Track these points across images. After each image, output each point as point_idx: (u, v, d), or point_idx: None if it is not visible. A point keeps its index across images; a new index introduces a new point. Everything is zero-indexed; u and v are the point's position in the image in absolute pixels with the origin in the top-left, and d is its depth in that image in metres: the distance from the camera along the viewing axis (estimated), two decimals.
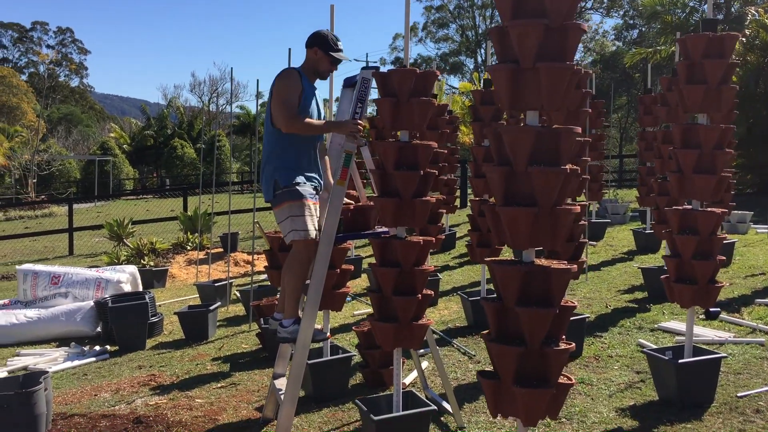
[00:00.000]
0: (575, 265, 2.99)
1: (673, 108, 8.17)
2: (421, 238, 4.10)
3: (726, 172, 8.83)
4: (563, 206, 2.87)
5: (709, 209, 4.54)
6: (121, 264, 10.89)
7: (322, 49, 4.42)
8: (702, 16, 18.89)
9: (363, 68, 4.48)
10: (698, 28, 4.53)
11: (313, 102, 4.48)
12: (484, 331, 3.10)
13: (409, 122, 3.99)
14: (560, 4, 2.75)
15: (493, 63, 3.13)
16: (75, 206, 21.67)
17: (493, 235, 3.02)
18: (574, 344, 2.94)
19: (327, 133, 4.58)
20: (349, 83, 4.49)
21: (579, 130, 2.88)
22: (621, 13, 41.35)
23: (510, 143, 2.83)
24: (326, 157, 4.78)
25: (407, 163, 3.97)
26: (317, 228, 4.35)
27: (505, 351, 2.88)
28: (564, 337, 2.98)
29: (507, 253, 8.77)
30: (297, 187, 4.29)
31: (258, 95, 17.65)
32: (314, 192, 4.41)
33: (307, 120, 4.29)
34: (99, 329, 7.53)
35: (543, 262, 2.96)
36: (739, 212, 11.48)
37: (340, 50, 4.48)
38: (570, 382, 2.95)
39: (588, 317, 6.21)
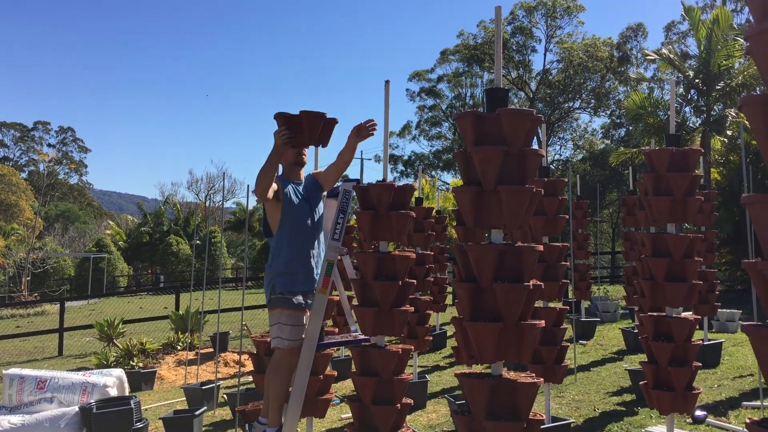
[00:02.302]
0: (541, 380, 3.07)
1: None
2: (400, 347, 4.18)
3: (710, 271, 9.02)
4: (528, 321, 2.98)
5: (682, 316, 4.65)
6: (110, 366, 10.81)
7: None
8: (683, 118, 19.55)
9: (344, 180, 4.67)
10: (682, 129, 4.77)
11: (298, 193, 4.54)
12: None
13: (387, 234, 4.15)
14: (518, 132, 2.95)
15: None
16: (68, 304, 21.63)
17: (462, 349, 3.12)
18: None
19: (271, 163, 4.30)
20: (332, 194, 4.68)
21: (540, 248, 3.03)
22: (608, 112, 42.61)
23: (475, 260, 2.97)
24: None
25: (386, 274, 4.10)
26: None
27: None
28: None
29: None
30: (291, 297, 4.36)
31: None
32: (308, 302, 4.46)
33: (260, 171, 4.26)
34: None
35: (511, 375, 3.04)
36: (728, 311, 11.55)
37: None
38: None
39: (574, 422, 6.19)
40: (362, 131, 4.35)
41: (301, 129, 4.22)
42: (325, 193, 4.76)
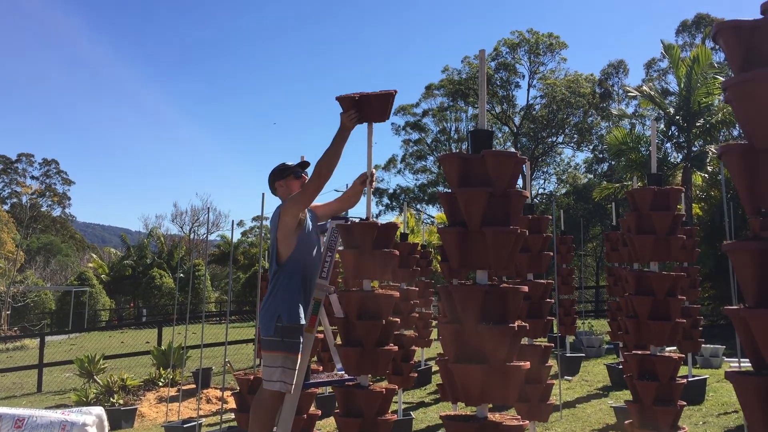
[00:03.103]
0: (526, 422, 3.05)
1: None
2: (384, 386, 4.15)
3: (693, 307, 9.06)
4: (514, 363, 2.98)
5: (666, 352, 4.66)
6: (90, 403, 10.62)
7: (281, 177, 4.53)
8: (664, 154, 19.80)
9: (332, 218, 4.68)
10: (663, 164, 4.82)
11: (312, 226, 4.52)
12: None
13: (371, 272, 4.14)
14: (503, 174, 2.98)
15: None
16: (48, 339, 21.30)
17: (447, 390, 3.10)
18: None
19: (343, 143, 4.26)
20: (320, 230, 4.68)
21: (525, 289, 3.04)
22: (591, 147, 43.10)
23: (459, 301, 2.97)
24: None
25: (369, 313, 4.08)
26: None
27: None
28: None
29: None
30: (298, 341, 4.17)
31: (240, 223, 17.92)
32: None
33: (318, 162, 4.20)
34: None
35: (496, 417, 3.02)
36: (711, 346, 11.58)
37: (290, 165, 4.58)
38: None
39: None
40: (367, 183, 4.36)
41: (371, 108, 4.19)
42: None
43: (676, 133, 19.66)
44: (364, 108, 4.18)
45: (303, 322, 4.23)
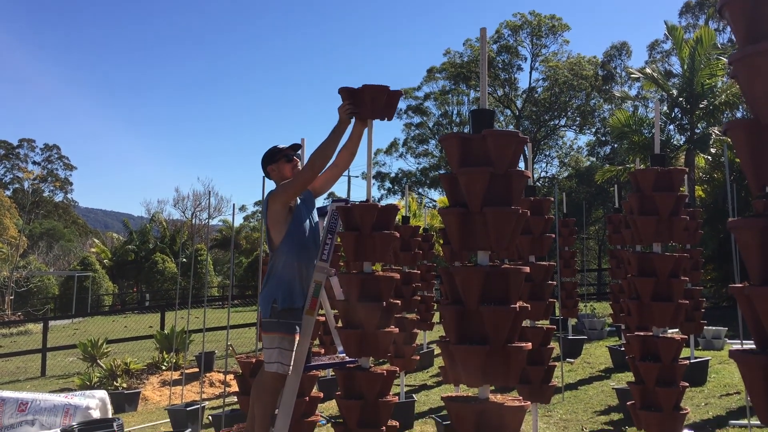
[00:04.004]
0: (528, 403, 3.04)
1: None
2: (385, 368, 4.14)
3: (695, 288, 9.05)
4: (515, 344, 2.96)
5: (669, 334, 4.64)
6: (94, 386, 10.68)
7: (273, 161, 4.53)
8: (667, 136, 19.72)
9: (333, 200, 4.66)
10: (666, 147, 4.78)
11: (304, 209, 4.52)
12: None
13: (371, 255, 4.12)
14: (504, 153, 2.94)
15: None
16: (52, 323, 21.39)
17: (448, 372, 3.08)
18: None
19: (340, 137, 4.30)
20: (321, 213, 4.66)
21: (527, 269, 3.01)
22: (593, 130, 42.94)
23: (461, 283, 2.95)
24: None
25: (370, 295, 4.06)
26: None
27: None
28: None
29: None
30: (294, 322, 4.21)
31: (242, 208, 17.91)
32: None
33: (314, 153, 4.25)
34: None
35: (498, 398, 3.01)
36: (714, 328, 11.57)
37: (282, 149, 4.57)
38: None
39: None
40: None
41: (365, 102, 4.17)
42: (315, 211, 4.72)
43: (679, 115, 19.56)
44: (365, 103, 4.16)
45: (298, 305, 4.26)
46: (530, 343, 3.08)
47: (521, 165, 3.21)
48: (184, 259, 33.89)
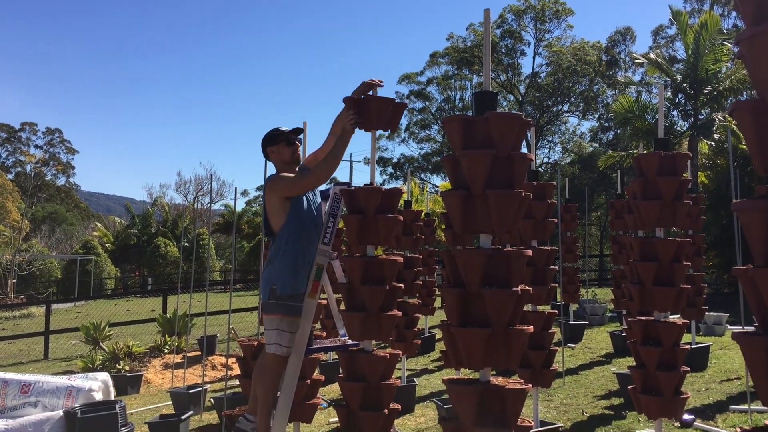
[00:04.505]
0: (529, 385, 3.05)
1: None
2: (387, 351, 4.14)
3: (697, 274, 9.04)
4: (517, 327, 2.96)
5: (670, 320, 4.64)
6: (96, 369, 10.73)
7: (273, 143, 4.49)
8: (671, 122, 19.64)
9: (335, 183, 4.64)
10: (670, 132, 4.76)
11: (304, 195, 4.49)
12: None
13: (375, 238, 4.11)
14: (507, 136, 2.93)
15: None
16: (54, 306, 21.43)
17: (450, 355, 3.09)
18: None
19: (343, 150, 4.29)
20: (323, 196, 4.64)
21: (529, 253, 3.01)
22: (596, 116, 42.80)
23: (463, 265, 2.94)
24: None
25: (373, 278, 4.06)
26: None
27: None
28: None
29: None
30: (293, 303, 4.23)
31: (244, 192, 17.91)
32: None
33: (325, 157, 4.26)
34: None
35: (499, 381, 3.01)
36: (715, 314, 11.59)
37: (284, 131, 4.53)
38: None
39: (562, 426, 6.17)
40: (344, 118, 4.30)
41: (370, 113, 4.16)
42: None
43: (683, 101, 19.48)
44: (371, 115, 4.15)
45: (299, 292, 4.26)
46: (531, 327, 3.08)
47: (524, 150, 3.19)
48: (186, 244, 33.94)
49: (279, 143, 4.49)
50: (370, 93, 4.27)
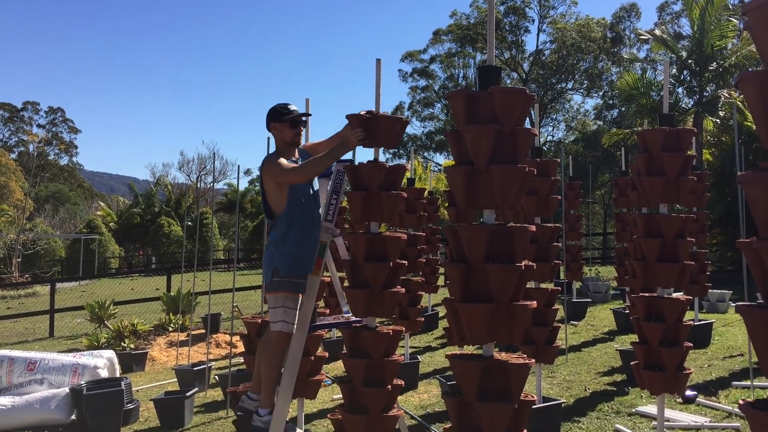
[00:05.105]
0: (533, 360, 3.05)
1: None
2: (390, 328, 4.15)
3: (701, 251, 9.03)
4: (520, 302, 2.96)
5: (674, 296, 4.64)
6: (101, 347, 10.80)
7: (277, 120, 4.43)
8: (676, 99, 19.52)
9: (338, 161, 4.61)
10: (675, 110, 4.73)
11: None
12: (447, 426, 3.13)
13: (378, 215, 4.10)
14: (511, 111, 2.91)
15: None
16: (59, 285, 21.51)
17: (452, 330, 3.09)
18: None
19: (339, 157, 4.31)
20: (325, 174, 4.62)
21: (533, 228, 3.00)
22: (600, 93, 42.53)
23: (466, 241, 2.94)
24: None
25: (377, 255, 4.06)
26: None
27: None
28: (525, 430, 3.02)
29: None
30: (298, 281, 4.24)
31: (247, 171, 17.89)
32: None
33: (314, 158, 4.25)
34: (74, 417, 7.41)
35: (502, 356, 3.02)
36: (718, 291, 11.60)
37: (295, 110, 4.47)
38: None
39: (565, 402, 6.21)
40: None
41: (379, 132, 4.13)
42: None
43: (688, 78, 19.34)
44: (380, 134, 4.11)
45: (302, 272, 4.26)
46: (535, 302, 3.08)
47: (527, 126, 3.17)
48: (190, 223, 33.99)
49: (283, 122, 4.45)
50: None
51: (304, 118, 4.52)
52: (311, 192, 4.45)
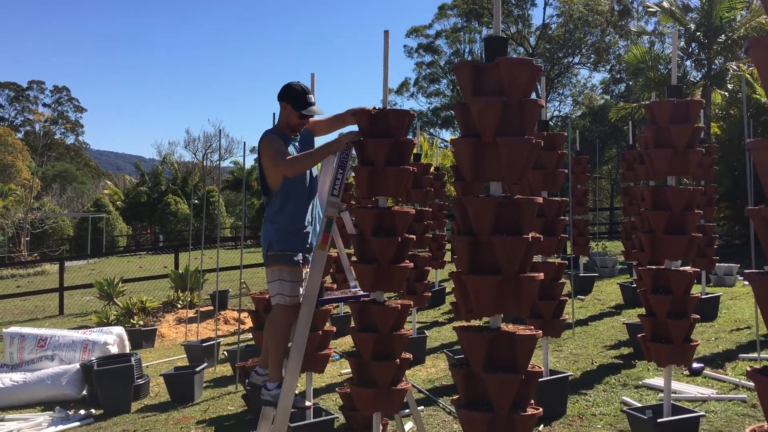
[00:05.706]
0: (540, 332, 3.06)
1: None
2: (399, 302, 4.16)
3: (708, 224, 9.01)
4: (527, 274, 2.96)
5: (681, 269, 4.63)
6: (111, 324, 10.89)
7: (291, 104, 4.41)
8: (684, 72, 19.36)
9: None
10: (683, 82, 4.70)
11: (297, 151, 4.47)
12: (455, 397, 3.15)
13: (385, 190, 4.09)
14: (518, 82, 2.89)
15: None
16: (68, 264, 21.66)
17: (459, 303, 3.10)
18: (541, 410, 2.99)
19: (327, 155, 4.37)
20: None
21: (540, 200, 2.99)
22: (608, 68, 42.17)
23: (473, 213, 2.94)
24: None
25: (385, 230, 4.06)
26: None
27: (473, 418, 2.93)
28: (532, 402, 3.04)
29: None
30: (291, 254, 4.32)
31: (253, 149, 17.88)
32: (307, 258, 4.45)
33: (303, 155, 4.31)
34: (85, 392, 7.51)
35: (509, 327, 3.03)
36: (726, 265, 11.58)
37: (311, 104, 4.45)
38: None
39: (571, 375, 6.24)
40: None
41: (388, 126, 4.09)
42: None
43: (697, 51, 19.16)
44: (381, 125, 4.07)
45: (294, 248, 4.34)
46: (542, 274, 3.09)
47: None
48: (197, 201, 34.04)
49: (293, 107, 4.44)
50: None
51: (314, 116, 4.52)
52: (306, 171, 4.47)
